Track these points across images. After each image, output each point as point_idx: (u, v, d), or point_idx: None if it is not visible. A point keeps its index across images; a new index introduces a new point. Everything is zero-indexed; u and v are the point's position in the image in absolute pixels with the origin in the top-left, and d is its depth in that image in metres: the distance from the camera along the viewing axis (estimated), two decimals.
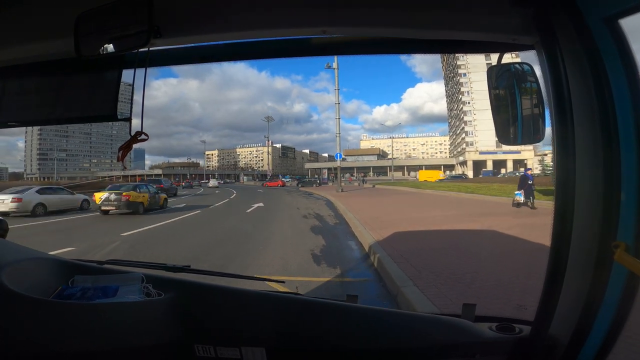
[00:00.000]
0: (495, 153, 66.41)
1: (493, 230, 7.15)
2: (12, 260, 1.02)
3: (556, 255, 0.81)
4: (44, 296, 0.96)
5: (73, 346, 0.89)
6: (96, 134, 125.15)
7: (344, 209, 12.16)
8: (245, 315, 1.02)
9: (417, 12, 0.84)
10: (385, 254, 5.20)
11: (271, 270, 4.94)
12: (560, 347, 0.85)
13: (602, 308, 0.77)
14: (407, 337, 1.00)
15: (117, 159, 0.89)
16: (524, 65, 0.88)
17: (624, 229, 0.72)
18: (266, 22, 0.88)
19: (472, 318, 1.06)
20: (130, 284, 1.06)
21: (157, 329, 0.97)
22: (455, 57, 73.25)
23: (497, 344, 0.98)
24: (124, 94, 0.94)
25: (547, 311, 0.85)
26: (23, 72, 1.03)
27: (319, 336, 1.00)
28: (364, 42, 0.98)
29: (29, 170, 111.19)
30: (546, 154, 55.04)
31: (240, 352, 0.98)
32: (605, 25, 0.70)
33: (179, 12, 0.86)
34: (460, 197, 17.27)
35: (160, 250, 6.59)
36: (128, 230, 8.72)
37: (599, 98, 0.71)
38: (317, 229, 8.79)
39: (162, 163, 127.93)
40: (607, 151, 0.72)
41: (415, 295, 3.60)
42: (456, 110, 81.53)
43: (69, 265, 1.15)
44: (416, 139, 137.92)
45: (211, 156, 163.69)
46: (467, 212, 10.85)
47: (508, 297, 3.47)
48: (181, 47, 0.99)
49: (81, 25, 0.81)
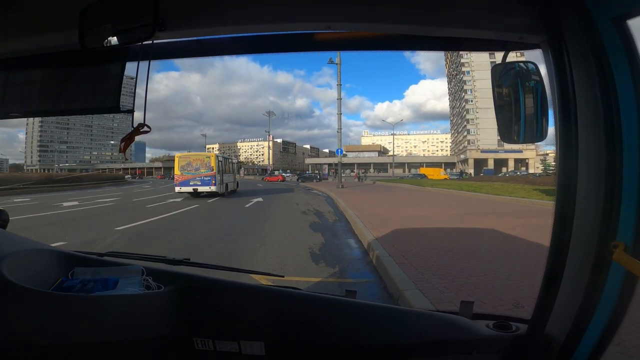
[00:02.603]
0: (496, 152, 66.43)
1: (497, 230, 7.14)
2: (12, 251, 1.02)
3: (555, 253, 0.81)
4: (43, 288, 0.97)
5: (72, 338, 0.89)
6: (97, 126, 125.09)
7: (344, 206, 12.16)
8: (245, 309, 1.03)
9: (423, 9, 0.83)
10: (386, 254, 5.14)
11: (267, 269, 4.83)
12: (556, 345, 0.86)
13: (599, 307, 0.77)
14: (405, 333, 1.01)
15: (119, 150, 0.89)
16: (529, 64, 0.87)
17: (624, 229, 0.72)
18: (271, 16, 0.87)
19: (470, 315, 1.07)
20: (130, 276, 1.07)
21: (157, 321, 0.98)
22: (459, 55, 72.86)
23: (493, 341, 0.98)
24: (126, 87, 0.94)
25: (544, 309, 0.86)
26: (26, 63, 1.02)
27: (318, 330, 1.01)
28: (369, 38, 0.98)
29: (29, 162, 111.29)
30: (548, 153, 54.99)
31: (239, 346, 0.98)
32: (613, 25, 0.69)
33: (184, 5, 0.85)
34: (463, 195, 17.29)
35: (150, 248, 6.39)
36: (122, 224, 8.69)
37: (603, 98, 0.71)
38: (316, 226, 8.78)
39: (163, 156, 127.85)
40: (609, 151, 0.72)
41: (418, 299, 3.52)
42: (458, 108, 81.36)
43: (69, 256, 1.15)
44: (417, 136, 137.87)
45: (212, 150, 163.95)
46: (476, 211, 10.78)
47: (516, 300, 3.41)
48: (185, 40, 0.98)
49: (86, 18, 0.81)
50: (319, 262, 5.37)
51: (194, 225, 9.19)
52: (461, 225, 7.91)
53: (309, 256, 5.69)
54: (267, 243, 6.67)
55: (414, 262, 4.74)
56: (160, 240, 7.09)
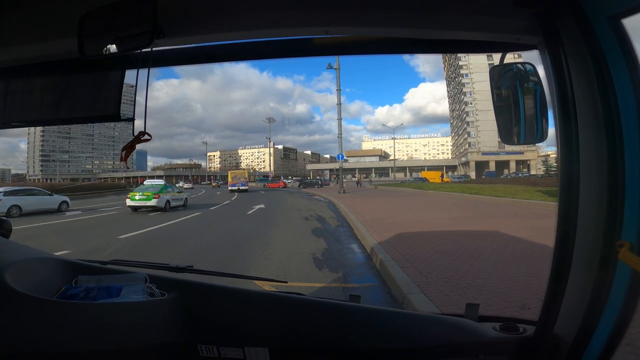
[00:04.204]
0: (497, 154, 66.33)
1: (500, 232, 7.10)
2: (16, 260, 1.02)
3: (560, 254, 0.81)
4: (47, 296, 0.97)
5: (76, 346, 0.89)
6: (98, 135, 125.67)
7: (346, 211, 12.15)
8: (249, 315, 1.02)
9: (421, 13, 0.84)
10: (389, 258, 5.13)
11: (270, 275, 4.83)
12: (564, 346, 0.85)
13: (606, 307, 0.77)
14: (410, 337, 1.00)
15: (120, 159, 0.89)
16: (527, 65, 0.88)
17: (628, 229, 0.72)
18: (269, 22, 0.88)
19: (476, 318, 1.06)
20: (134, 284, 1.07)
21: (161, 329, 0.98)
22: (457, 58, 73.22)
23: (500, 343, 0.97)
24: (126, 95, 0.94)
25: (551, 311, 0.85)
26: (26, 72, 1.03)
27: (322, 336, 1.00)
28: (367, 42, 0.98)
29: (31, 172, 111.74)
30: (549, 154, 54.88)
31: (243, 352, 0.98)
32: (608, 24, 0.70)
33: (182, 12, 0.86)
34: (466, 198, 17.23)
35: (153, 255, 6.40)
36: (125, 232, 8.69)
37: (602, 97, 0.71)
38: (318, 232, 8.77)
39: (165, 164, 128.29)
40: (611, 150, 0.72)
41: (423, 302, 3.50)
42: (458, 111, 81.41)
43: (73, 265, 1.15)
44: (418, 140, 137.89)
45: (213, 157, 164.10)
46: (478, 214, 10.76)
47: (522, 301, 3.37)
48: (184, 47, 0.99)
49: (85, 26, 0.82)
50: (322, 267, 5.35)
51: (196, 233, 9.19)
52: (464, 228, 7.88)
53: (312, 262, 5.68)
54: (269, 249, 6.67)
55: (418, 265, 4.72)
56: (163, 248, 7.10)
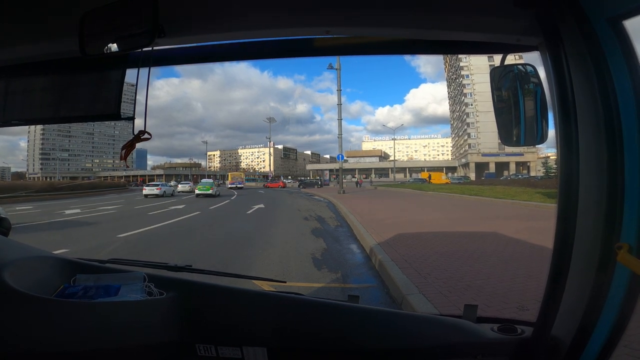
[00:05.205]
0: (497, 155, 66.29)
1: (499, 233, 7.10)
2: (14, 259, 1.02)
3: (559, 255, 0.81)
4: (45, 295, 0.97)
5: (74, 345, 0.89)
6: (98, 134, 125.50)
7: (346, 211, 12.13)
8: (247, 315, 1.02)
9: (421, 13, 0.84)
10: (388, 259, 5.12)
11: (270, 275, 4.81)
12: (562, 348, 0.85)
13: (604, 309, 0.77)
14: (409, 337, 1.00)
15: (120, 158, 0.89)
16: (527, 66, 0.88)
17: (627, 230, 0.72)
18: (270, 22, 0.88)
19: (474, 319, 1.06)
20: (132, 283, 1.06)
21: (159, 328, 0.97)
22: (457, 59, 73.22)
23: (499, 344, 0.97)
24: (127, 94, 0.94)
25: (549, 312, 0.85)
26: (27, 71, 1.03)
27: (321, 336, 1.00)
28: (368, 43, 0.98)
29: (31, 170, 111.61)
30: (549, 156, 54.88)
31: (241, 352, 0.98)
32: (609, 26, 0.70)
33: (183, 12, 0.86)
34: (465, 199, 17.23)
35: (152, 254, 6.36)
36: (124, 231, 8.66)
37: (602, 99, 0.71)
38: (318, 232, 8.75)
39: (164, 163, 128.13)
40: (610, 152, 0.72)
41: (422, 303, 3.51)
42: (459, 112, 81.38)
43: (71, 263, 1.15)
44: (418, 141, 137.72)
45: (213, 157, 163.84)
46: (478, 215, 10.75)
47: (521, 303, 3.38)
48: (185, 46, 0.99)
49: (86, 25, 0.82)
50: (321, 267, 5.35)
51: (195, 232, 9.17)
52: (464, 229, 7.89)
53: (311, 262, 5.67)
54: (269, 249, 6.66)
55: (417, 266, 4.72)
56: (162, 247, 7.08)
